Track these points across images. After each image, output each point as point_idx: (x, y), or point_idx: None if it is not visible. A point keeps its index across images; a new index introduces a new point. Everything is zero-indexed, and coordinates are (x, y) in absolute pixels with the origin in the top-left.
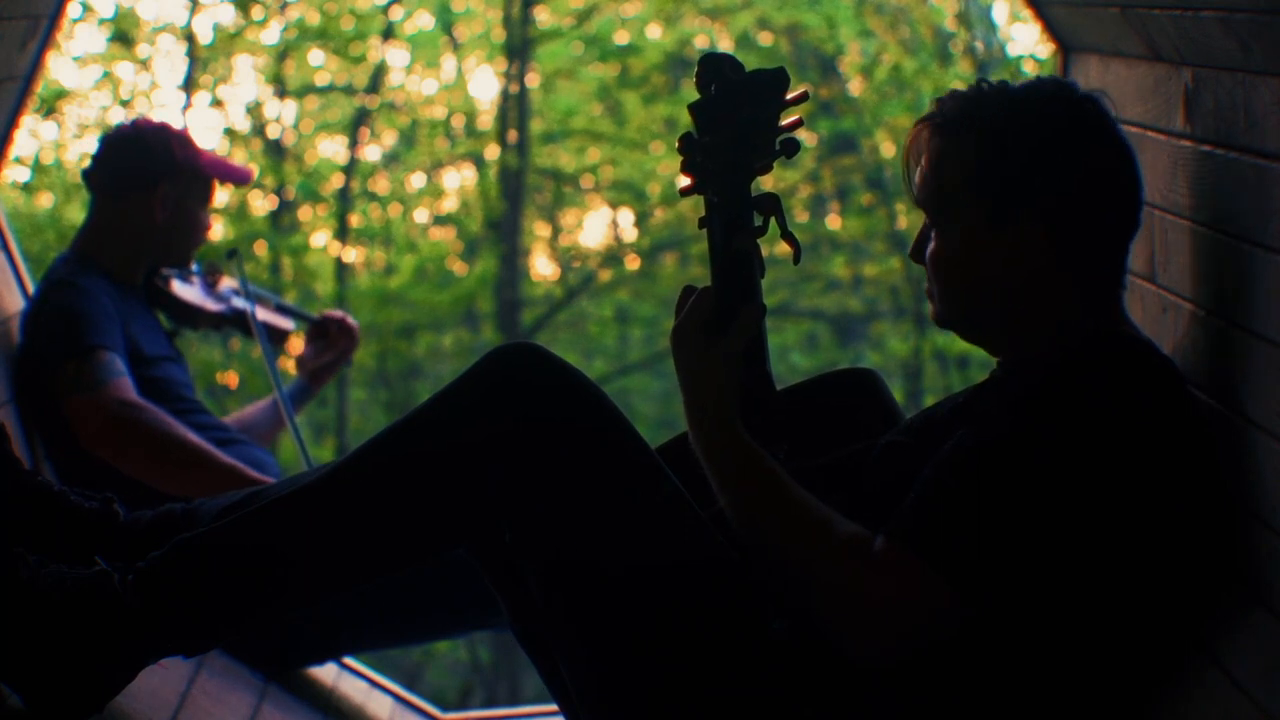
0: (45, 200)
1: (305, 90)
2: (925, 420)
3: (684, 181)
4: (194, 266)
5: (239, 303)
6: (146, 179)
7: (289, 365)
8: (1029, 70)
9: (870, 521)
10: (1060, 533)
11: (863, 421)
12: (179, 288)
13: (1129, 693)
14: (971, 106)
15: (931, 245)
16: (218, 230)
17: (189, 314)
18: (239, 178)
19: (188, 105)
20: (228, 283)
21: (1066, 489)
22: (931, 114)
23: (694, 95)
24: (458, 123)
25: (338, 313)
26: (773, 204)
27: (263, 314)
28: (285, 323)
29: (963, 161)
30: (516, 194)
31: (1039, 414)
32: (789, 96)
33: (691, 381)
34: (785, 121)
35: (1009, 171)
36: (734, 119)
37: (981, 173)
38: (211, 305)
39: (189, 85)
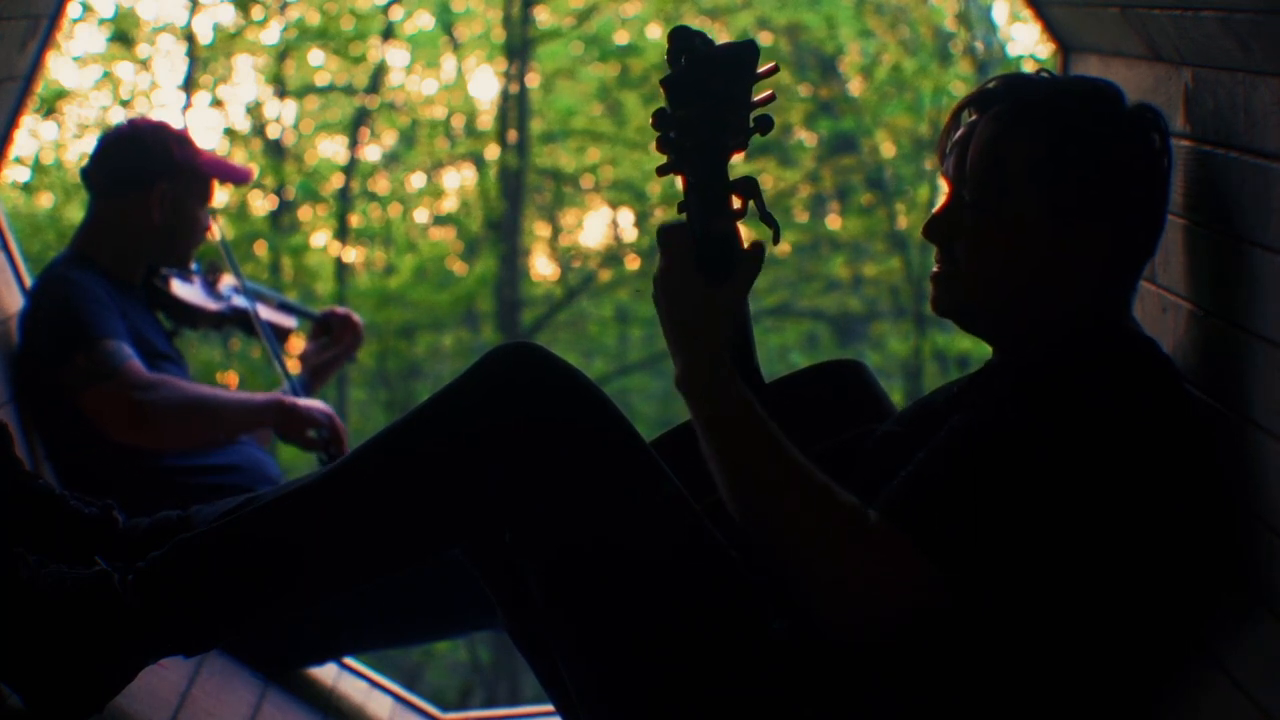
0: (45, 200)
1: (305, 90)
2: (920, 410)
3: (661, 159)
4: (194, 266)
5: (240, 301)
6: (143, 179)
7: (291, 365)
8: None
9: None
10: (1052, 522)
11: (851, 412)
12: (178, 287)
13: (1129, 692)
14: (1043, 97)
15: (973, 227)
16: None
17: (188, 314)
18: (238, 177)
19: (188, 105)
20: (228, 281)
21: (1061, 479)
22: (992, 94)
23: None
24: (458, 123)
25: (341, 309)
26: (750, 186)
27: (264, 312)
28: (287, 321)
29: (1031, 151)
30: (516, 194)
31: (1038, 402)
32: (760, 70)
33: (691, 324)
34: (758, 97)
35: (1081, 171)
36: (706, 92)
37: (1051, 166)
38: (211, 305)
39: (189, 85)
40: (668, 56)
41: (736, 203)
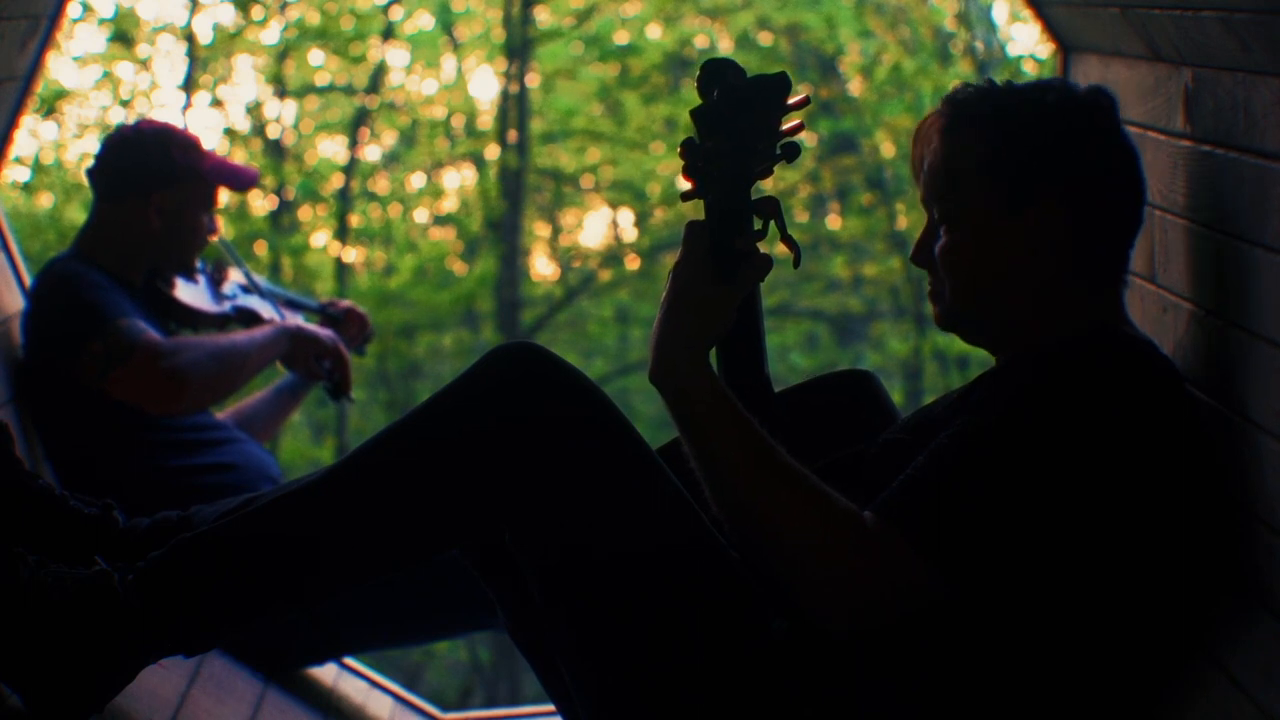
0: (45, 200)
1: (305, 90)
2: (923, 417)
3: (685, 186)
4: (199, 264)
5: (244, 301)
6: (142, 186)
7: None
8: (1029, 70)
9: None
10: (1051, 522)
11: (860, 423)
12: (181, 290)
13: (1129, 693)
14: (980, 100)
15: (943, 241)
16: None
17: (190, 317)
18: (244, 183)
19: (188, 105)
20: (235, 278)
21: (1060, 479)
22: (937, 112)
23: (694, 95)
24: (458, 123)
25: (344, 301)
26: (772, 207)
27: (268, 312)
28: (294, 319)
29: (975, 150)
30: (516, 194)
31: (1035, 404)
32: (791, 101)
33: (694, 313)
34: (786, 126)
35: (1024, 154)
36: (735, 124)
37: (995, 158)
38: (213, 308)
39: (189, 85)
40: (699, 88)
41: (758, 223)
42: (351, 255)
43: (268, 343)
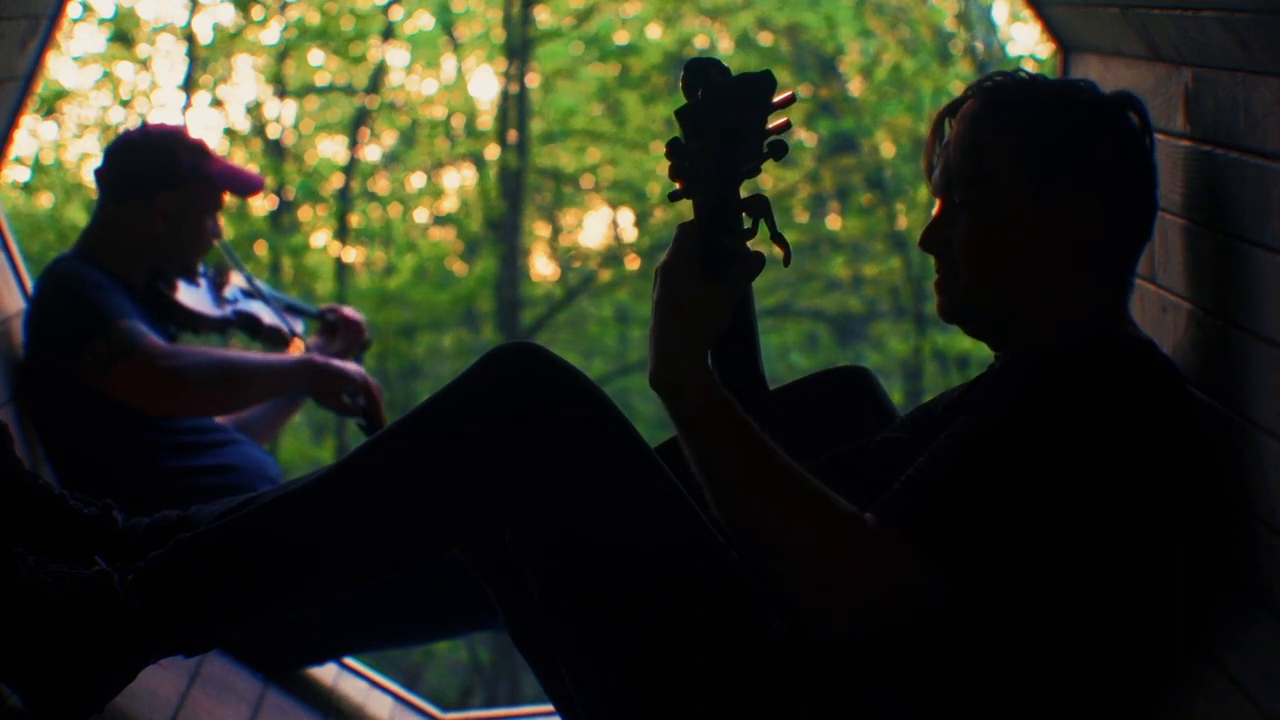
0: (45, 200)
1: (305, 90)
2: (921, 415)
3: (676, 187)
4: (200, 267)
5: (244, 306)
6: (146, 189)
7: None
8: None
9: None
10: (1051, 523)
11: (857, 419)
12: (183, 292)
13: (1129, 693)
14: (1015, 89)
15: (963, 227)
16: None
17: (191, 320)
18: (249, 188)
19: (188, 105)
20: (236, 282)
21: (1056, 479)
22: (968, 98)
23: None
24: (458, 123)
25: (344, 308)
26: (762, 206)
27: (268, 318)
28: (293, 324)
29: (1010, 138)
30: (516, 194)
31: (1035, 403)
32: (776, 99)
33: (677, 314)
34: (773, 124)
35: (1060, 147)
36: (721, 124)
37: (1030, 148)
38: (214, 311)
39: (189, 85)
40: (683, 88)
41: (747, 222)
42: (351, 255)
43: (284, 369)
